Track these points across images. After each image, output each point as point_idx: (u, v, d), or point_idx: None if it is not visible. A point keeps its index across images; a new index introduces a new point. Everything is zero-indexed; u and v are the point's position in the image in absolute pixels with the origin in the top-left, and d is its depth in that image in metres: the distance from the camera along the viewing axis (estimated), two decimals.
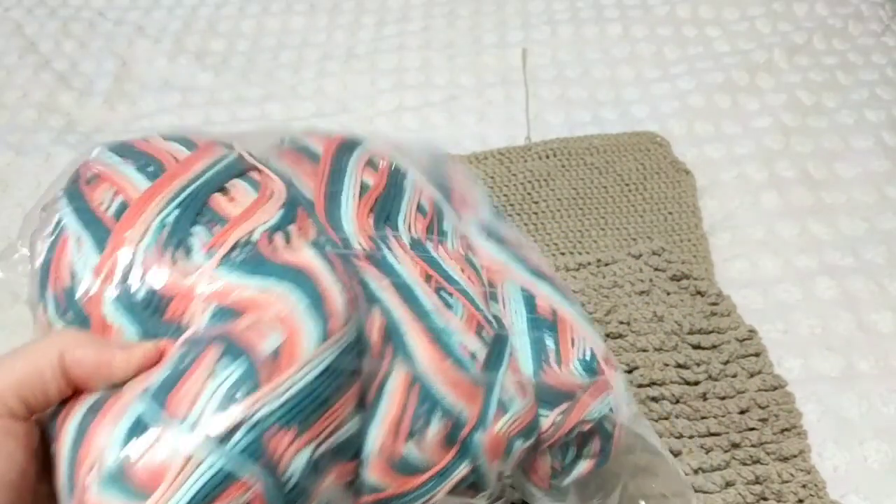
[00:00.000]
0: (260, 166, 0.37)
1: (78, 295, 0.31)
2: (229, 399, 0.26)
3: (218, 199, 0.34)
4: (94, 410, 0.28)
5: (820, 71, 0.76)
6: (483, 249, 0.41)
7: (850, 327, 0.55)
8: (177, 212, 0.33)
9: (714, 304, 0.55)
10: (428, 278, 0.35)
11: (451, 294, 0.35)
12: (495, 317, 0.37)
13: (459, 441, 0.32)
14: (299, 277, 0.30)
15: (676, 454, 0.48)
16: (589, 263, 0.58)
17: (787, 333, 0.55)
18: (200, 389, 0.27)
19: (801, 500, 0.46)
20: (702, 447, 0.48)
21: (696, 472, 0.47)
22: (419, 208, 0.39)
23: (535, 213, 0.63)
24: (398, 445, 0.31)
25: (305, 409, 0.27)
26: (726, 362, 0.52)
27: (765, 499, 0.46)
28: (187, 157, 0.36)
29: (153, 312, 0.31)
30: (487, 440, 0.33)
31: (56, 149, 0.71)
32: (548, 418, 0.35)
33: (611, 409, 0.37)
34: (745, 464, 0.48)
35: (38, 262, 0.34)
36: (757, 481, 0.46)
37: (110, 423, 0.27)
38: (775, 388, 0.51)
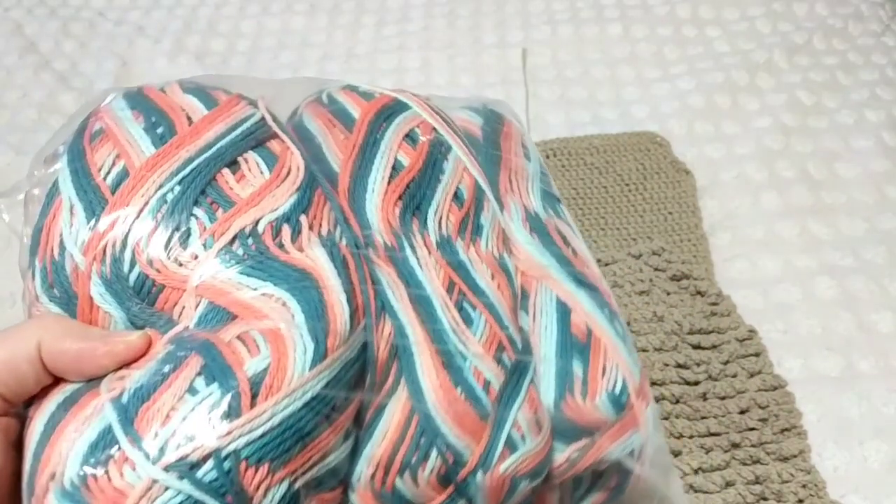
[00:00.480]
0: (281, 135, 0.33)
1: (66, 270, 0.29)
2: (204, 424, 0.24)
3: (226, 177, 0.31)
4: (65, 407, 0.26)
5: (820, 71, 0.76)
6: (523, 247, 0.36)
7: (850, 327, 0.55)
8: (178, 188, 0.29)
9: (714, 304, 0.55)
10: (451, 287, 0.32)
11: (474, 307, 0.32)
12: (522, 332, 0.33)
13: (457, 482, 0.29)
14: (301, 283, 0.27)
15: (676, 454, 0.48)
16: None
17: (787, 333, 0.55)
18: (174, 407, 0.24)
19: (801, 500, 0.46)
20: (702, 447, 0.48)
21: (696, 472, 0.47)
22: (456, 196, 0.35)
23: None
24: (389, 478, 0.29)
25: (286, 441, 0.25)
26: (726, 362, 0.52)
27: (765, 499, 0.46)
28: (200, 120, 0.32)
29: (143, 299, 0.29)
30: (488, 481, 0.29)
31: None
32: (563, 454, 0.32)
33: (633, 450, 0.33)
34: (745, 464, 0.47)
35: (31, 225, 0.32)
36: (757, 481, 0.46)
37: (77, 428, 0.25)
38: (775, 388, 0.51)
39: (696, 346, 0.53)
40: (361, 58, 0.81)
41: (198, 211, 0.29)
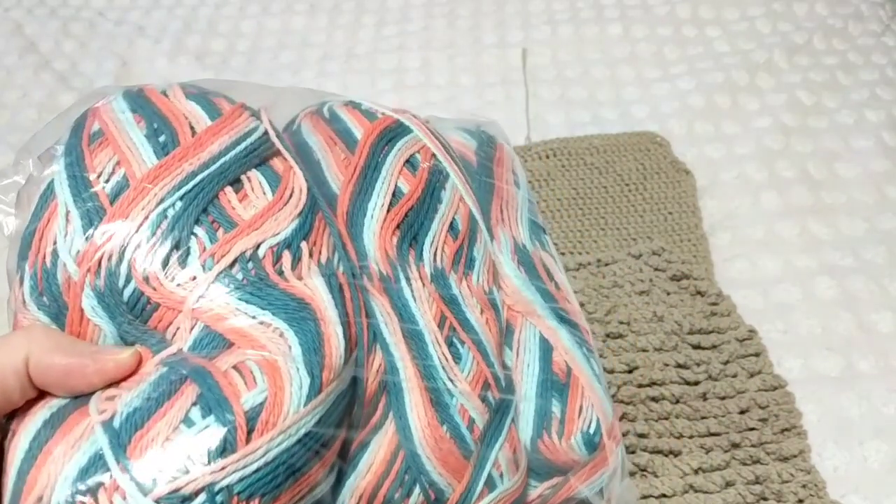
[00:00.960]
0: (284, 152, 0.33)
1: (58, 279, 0.28)
2: (198, 458, 0.24)
3: (228, 195, 0.30)
4: (52, 425, 0.25)
5: (820, 71, 0.76)
6: (510, 281, 0.37)
7: (850, 327, 0.55)
8: (180, 204, 0.29)
9: (714, 304, 0.55)
10: (442, 322, 0.32)
11: (463, 343, 0.32)
12: (506, 369, 0.34)
13: None
14: (300, 314, 0.27)
15: (676, 454, 0.48)
16: (589, 263, 0.58)
17: (787, 333, 0.55)
18: (168, 437, 0.24)
19: (801, 500, 0.46)
20: (702, 447, 0.48)
21: (696, 472, 0.47)
22: (451, 226, 0.35)
23: None
24: None
25: (278, 476, 0.25)
26: (726, 362, 0.52)
27: (765, 499, 0.46)
28: (203, 131, 0.31)
29: (136, 316, 0.28)
30: None
31: None
32: (536, 490, 0.33)
33: (602, 489, 0.34)
34: (745, 464, 0.47)
35: (23, 226, 0.30)
36: (757, 481, 0.46)
37: (66, 451, 0.24)
38: (775, 388, 0.51)
39: (696, 346, 0.53)
40: (361, 58, 0.81)
41: (199, 230, 0.29)
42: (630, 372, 0.51)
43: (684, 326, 0.53)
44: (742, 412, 0.50)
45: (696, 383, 0.51)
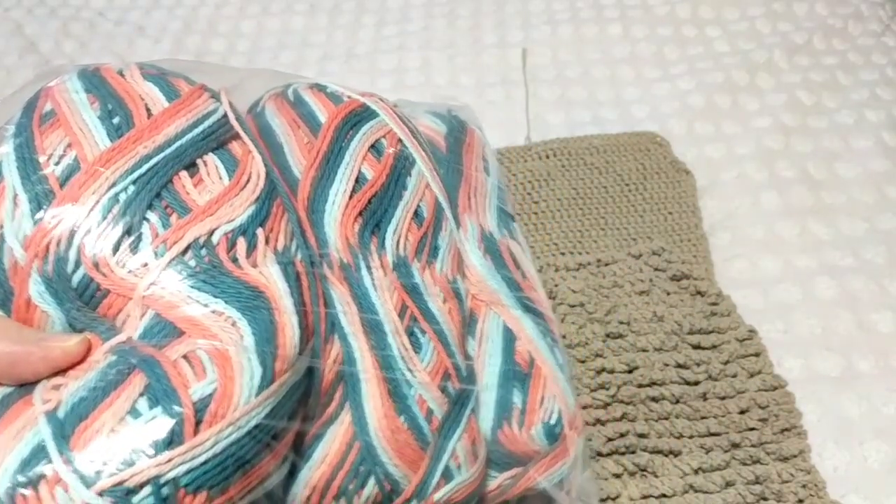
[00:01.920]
0: (243, 135, 0.32)
1: (4, 264, 0.28)
2: (144, 450, 0.23)
3: (183, 180, 0.29)
4: None
5: (820, 71, 0.76)
6: (475, 270, 0.36)
7: (850, 327, 0.55)
8: (133, 188, 0.28)
9: (714, 304, 0.55)
10: (403, 311, 0.31)
11: (424, 333, 0.31)
12: (468, 359, 0.33)
13: None
14: (253, 302, 0.26)
15: (676, 454, 0.48)
16: (589, 263, 0.58)
17: (787, 333, 0.55)
18: (114, 429, 0.23)
19: (801, 500, 0.46)
20: (702, 447, 0.48)
21: (696, 472, 0.47)
22: (416, 214, 0.35)
23: (535, 213, 0.63)
24: (325, 503, 0.28)
25: (227, 469, 0.24)
26: (726, 362, 0.52)
27: (765, 499, 0.46)
28: (160, 113, 0.30)
29: (86, 303, 0.27)
30: None
31: None
32: (495, 481, 0.32)
33: (561, 479, 0.34)
34: (745, 464, 0.47)
35: None
36: (757, 481, 0.46)
37: (8, 441, 0.23)
38: (775, 388, 0.51)
39: (696, 346, 0.53)
40: (361, 58, 0.81)
41: (151, 215, 0.28)
42: (630, 372, 0.51)
43: (684, 326, 0.53)
44: (742, 412, 0.50)
45: (696, 383, 0.51)
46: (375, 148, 0.35)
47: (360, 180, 0.33)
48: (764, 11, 0.84)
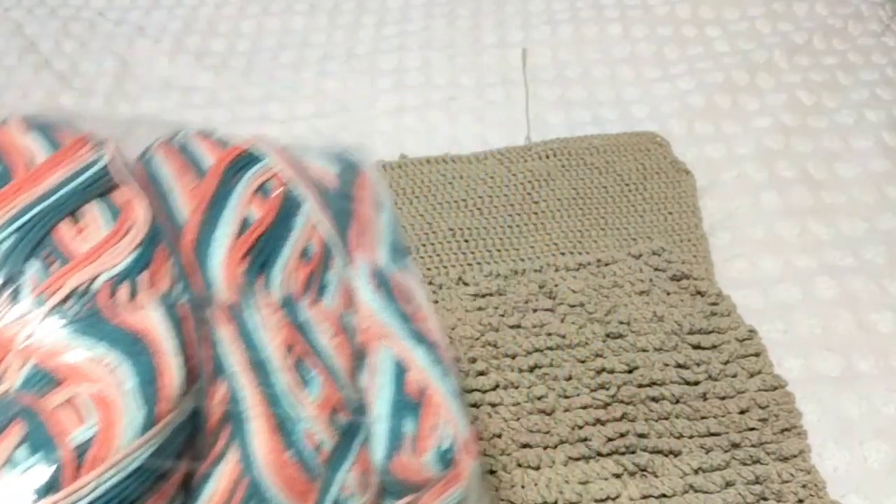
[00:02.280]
0: (127, 183, 0.33)
1: None
2: (24, 498, 0.23)
3: (64, 230, 0.29)
4: None
5: (820, 71, 0.76)
6: (366, 304, 0.37)
7: (850, 327, 0.55)
8: (12, 238, 0.28)
9: (714, 304, 0.55)
10: (290, 349, 0.32)
11: (312, 368, 0.32)
12: (359, 392, 0.35)
13: None
14: (135, 347, 0.27)
15: (676, 454, 0.48)
16: (589, 263, 0.58)
17: (787, 333, 0.55)
18: None
19: (801, 500, 0.46)
20: (702, 447, 0.48)
21: (696, 472, 0.47)
22: (304, 252, 0.36)
23: (535, 213, 0.63)
24: None
25: None
26: (726, 362, 0.52)
27: (765, 499, 0.46)
28: (41, 164, 0.31)
29: None
30: None
31: None
32: None
33: (459, 502, 0.34)
34: (745, 464, 0.47)
35: None
36: (757, 481, 0.46)
37: None
38: (775, 388, 0.51)
39: (696, 346, 0.53)
40: (361, 58, 0.81)
41: (32, 264, 0.28)
42: (630, 372, 0.51)
43: (684, 326, 0.53)
44: (742, 412, 0.50)
45: (696, 383, 0.51)
46: (262, 189, 0.36)
47: (247, 222, 0.34)
48: (764, 11, 0.84)
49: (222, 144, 0.37)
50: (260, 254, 0.33)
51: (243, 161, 0.36)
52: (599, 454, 0.48)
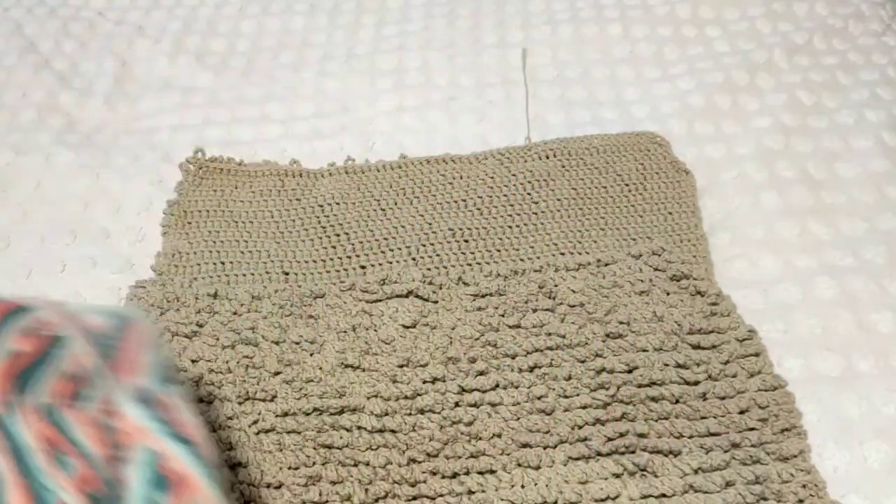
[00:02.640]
0: None
1: None
2: None
3: None
4: None
5: (820, 71, 0.76)
6: (129, 414, 0.42)
7: (850, 327, 0.55)
8: None
9: (714, 304, 0.55)
10: (50, 439, 0.37)
11: (67, 454, 0.37)
12: (118, 479, 0.39)
13: None
14: None
15: (676, 454, 0.48)
16: (589, 263, 0.58)
17: (787, 333, 0.55)
18: None
19: (801, 500, 0.46)
20: (702, 447, 0.48)
21: (696, 472, 0.47)
22: (67, 375, 0.41)
23: (535, 213, 0.63)
24: None
25: None
26: (726, 362, 0.52)
27: (765, 499, 0.46)
28: None
29: None
30: None
31: (56, 149, 0.71)
32: None
33: None
34: (745, 464, 0.47)
35: None
36: (757, 481, 0.46)
37: None
38: (775, 388, 0.51)
39: (696, 346, 0.53)
40: (361, 58, 0.81)
41: None
42: (630, 372, 0.51)
43: (684, 326, 0.53)
44: (742, 412, 0.50)
45: (696, 383, 0.51)
46: (33, 331, 0.41)
47: (19, 354, 0.40)
48: (764, 11, 0.84)
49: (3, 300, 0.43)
50: (24, 376, 0.39)
51: (14, 312, 0.42)
52: (599, 454, 0.48)
